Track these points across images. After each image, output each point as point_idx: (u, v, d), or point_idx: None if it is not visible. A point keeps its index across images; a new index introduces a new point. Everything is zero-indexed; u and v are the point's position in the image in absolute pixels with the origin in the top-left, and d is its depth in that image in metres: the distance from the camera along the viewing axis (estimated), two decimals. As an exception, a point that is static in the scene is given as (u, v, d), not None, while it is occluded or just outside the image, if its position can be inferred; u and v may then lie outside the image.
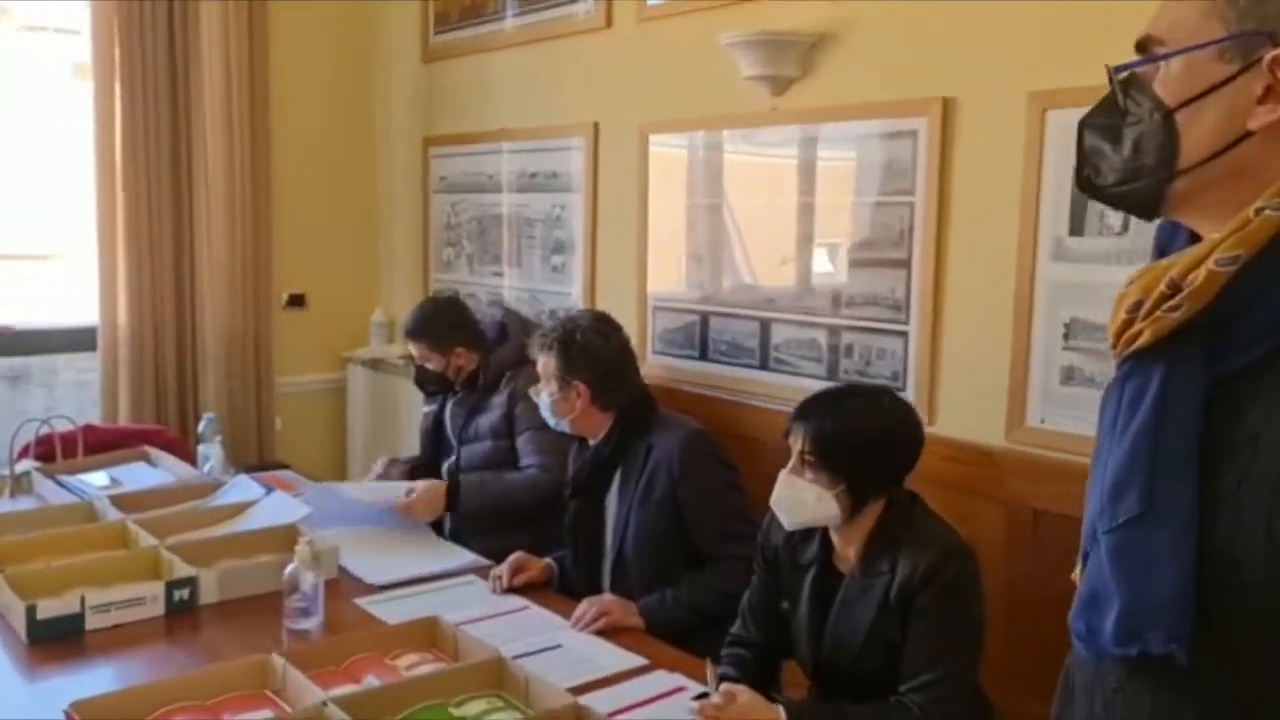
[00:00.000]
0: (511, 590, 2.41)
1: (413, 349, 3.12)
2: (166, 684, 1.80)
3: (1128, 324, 0.91)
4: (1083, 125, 0.99)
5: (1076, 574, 0.95)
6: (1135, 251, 2.19)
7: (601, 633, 2.19)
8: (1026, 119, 2.36)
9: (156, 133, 4.03)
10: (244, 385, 4.30)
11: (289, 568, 2.19)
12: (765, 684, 1.92)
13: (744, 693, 1.71)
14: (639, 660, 2.07)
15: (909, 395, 2.54)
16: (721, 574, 2.30)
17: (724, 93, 3.03)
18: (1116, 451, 0.89)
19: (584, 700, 1.77)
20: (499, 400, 3.01)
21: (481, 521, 2.84)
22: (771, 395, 2.93)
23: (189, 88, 4.07)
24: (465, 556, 2.64)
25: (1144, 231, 2.14)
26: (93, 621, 2.13)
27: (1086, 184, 0.99)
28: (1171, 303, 0.87)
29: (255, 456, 4.25)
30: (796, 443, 1.82)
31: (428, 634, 2.07)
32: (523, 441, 2.96)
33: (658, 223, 3.33)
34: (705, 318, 3.18)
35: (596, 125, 3.52)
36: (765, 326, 2.99)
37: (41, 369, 4.47)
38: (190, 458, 3.39)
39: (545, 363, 2.48)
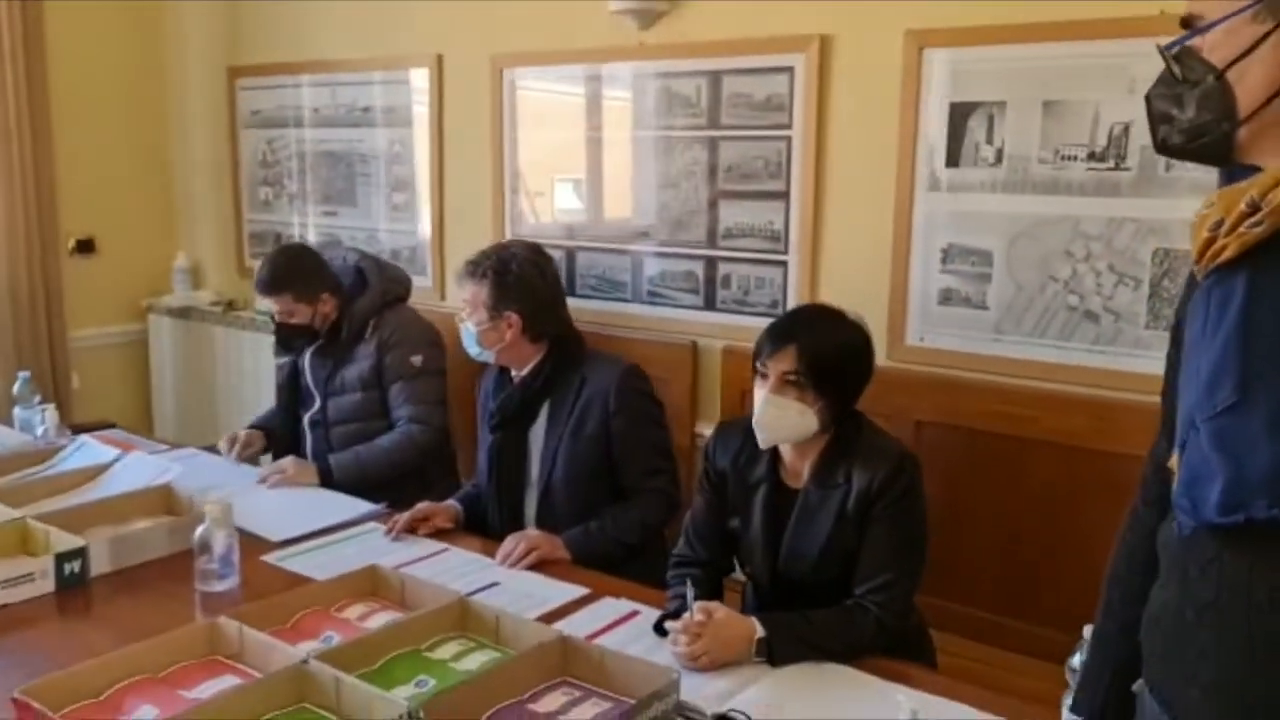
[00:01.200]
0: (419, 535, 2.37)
1: (273, 305, 2.89)
2: (111, 660, 1.66)
3: (1210, 241, 1.03)
4: (1149, 98, 1.12)
5: (1174, 461, 1.08)
6: (1010, 182, 2.39)
7: (531, 568, 2.21)
8: (904, 57, 2.50)
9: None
10: (33, 339, 3.91)
11: (199, 529, 2.06)
12: (716, 598, 2.00)
13: (719, 609, 1.78)
14: (582, 590, 2.10)
15: (790, 322, 2.67)
16: (642, 506, 2.37)
17: (589, 26, 3.02)
18: (1209, 351, 1.02)
19: (546, 632, 1.80)
20: (366, 350, 2.89)
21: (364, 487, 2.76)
22: (648, 327, 3.00)
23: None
24: (362, 506, 2.55)
25: (1015, 162, 2.36)
26: (-16, 603, 1.93)
27: (1162, 146, 1.11)
28: (1253, 219, 1.00)
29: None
30: (781, 363, 1.87)
31: (368, 583, 2.02)
32: (395, 392, 2.88)
33: (516, 158, 3.28)
34: (572, 253, 3.19)
35: (440, 57, 3.40)
36: (638, 260, 3.04)
37: None
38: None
39: (475, 292, 2.42)
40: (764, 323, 2.04)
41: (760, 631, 1.75)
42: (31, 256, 3.85)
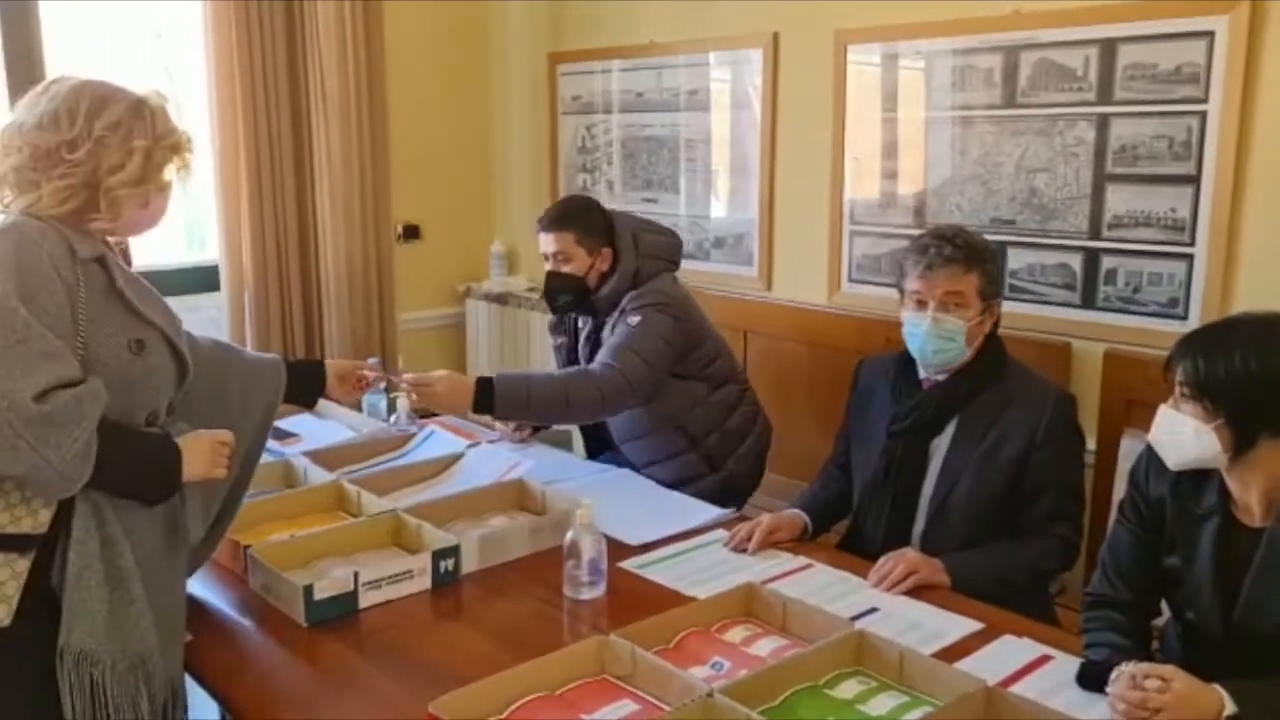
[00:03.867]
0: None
1: (553, 243, 2.68)
2: (509, 676, 1.60)
3: None
4: None
5: None
6: None
7: (909, 593, 2.01)
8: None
9: (274, 59, 3.74)
10: (366, 323, 4.07)
11: (569, 534, 2.00)
12: (1143, 647, 1.74)
13: (1177, 676, 1.52)
14: (976, 624, 1.88)
15: (1194, 324, 2.33)
16: (1040, 550, 2.11)
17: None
18: None
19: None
20: (613, 320, 2.67)
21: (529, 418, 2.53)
22: (1011, 325, 2.72)
23: (303, 11, 3.77)
24: (709, 510, 2.44)
25: None
26: (365, 599, 1.94)
27: None
28: None
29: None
30: (1175, 374, 1.65)
31: (745, 602, 1.89)
32: (613, 338, 2.61)
33: (858, 140, 3.07)
34: (920, 243, 2.94)
35: (776, 36, 3.23)
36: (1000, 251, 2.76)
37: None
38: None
39: (968, 281, 2.13)
40: (1156, 324, 1.75)
41: (1230, 707, 1.48)
42: (367, 242, 4.00)
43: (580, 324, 2.84)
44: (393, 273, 4.11)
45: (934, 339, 2.14)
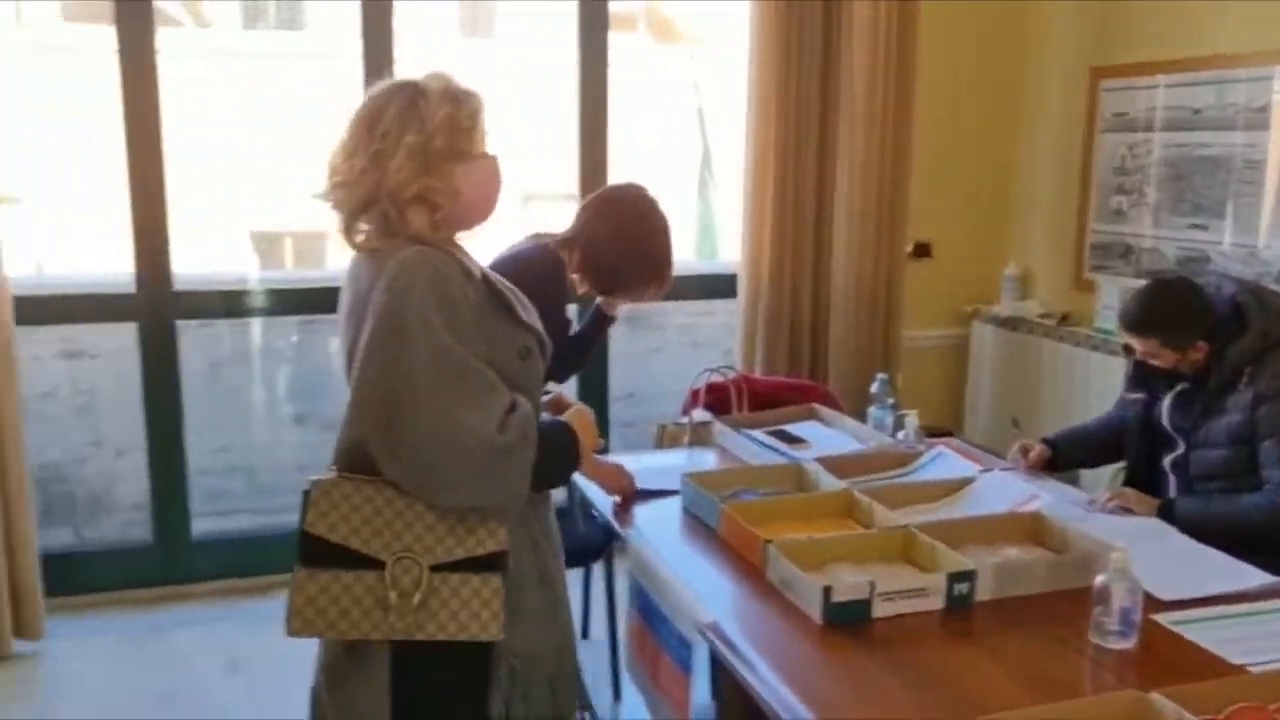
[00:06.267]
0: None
1: (1136, 342, 2.60)
2: (1034, 713, 1.53)
3: None
4: None
5: None
6: None
7: None
8: None
9: (810, 63, 3.85)
10: (870, 338, 4.10)
11: (1099, 578, 1.86)
12: None
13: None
14: None
15: None
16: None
17: None
18: None
19: None
20: (1238, 401, 2.47)
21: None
22: None
23: (840, 12, 3.84)
24: (1261, 575, 2.16)
25: None
26: (879, 609, 1.95)
27: None
28: None
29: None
30: None
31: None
32: (1265, 449, 2.44)
33: None
34: None
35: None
36: None
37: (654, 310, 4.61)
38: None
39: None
40: None
41: None
42: (879, 257, 4.01)
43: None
44: (901, 290, 4.10)
45: None
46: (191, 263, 3.71)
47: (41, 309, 3.49)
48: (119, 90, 3.44)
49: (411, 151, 1.61)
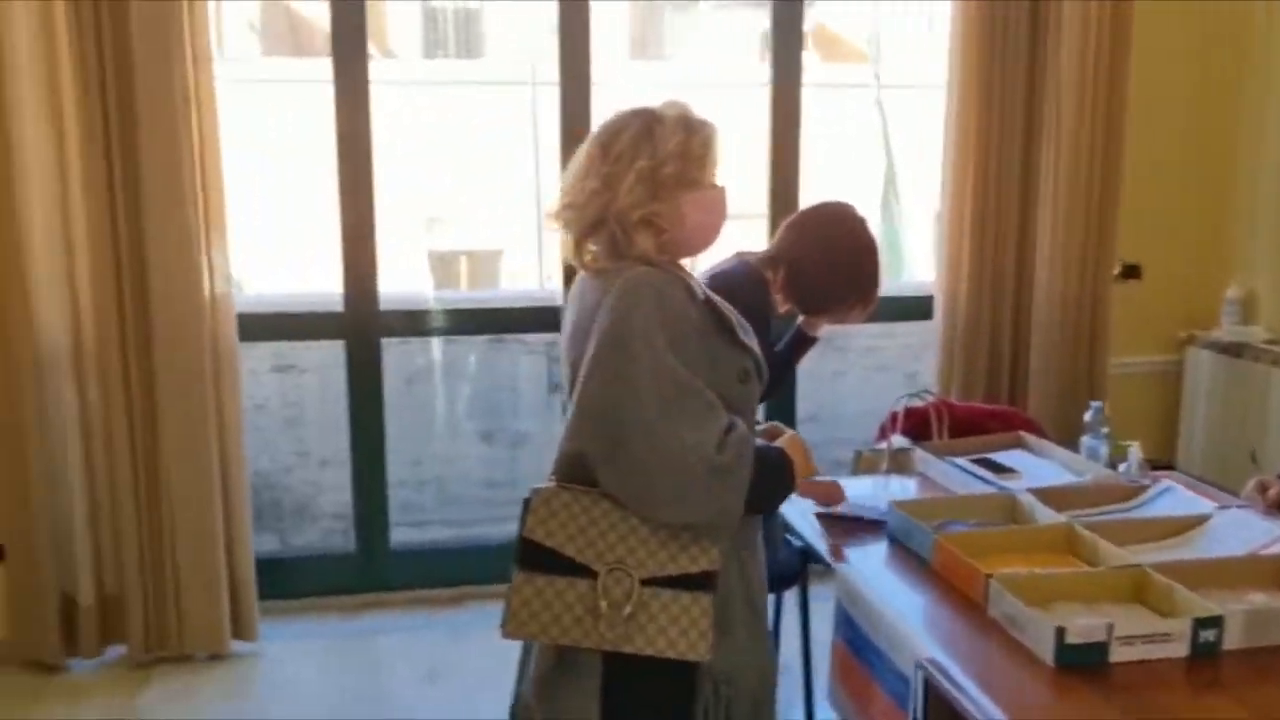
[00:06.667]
0: None
1: None
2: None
3: None
4: None
5: None
6: None
7: None
8: None
9: (1015, 68, 3.69)
10: (1073, 364, 3.90)
11: (1373, 631, 1.69)
12: None
13: None
14: None
15: None
16: None
17: None
18: None
19: None
20: None
21: None
22: None
23: (1048, 12, 3.67)
24: None
25: None
26: (1117, 653, 1.83)
27: None
28: None
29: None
30: None
31: None
32: None
33: None
34: None
35: None
36: None
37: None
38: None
39: None
40: None
41: None
42: (1084, 279, 3.82)
43: None
44: (1108, 313, 3.89)
45: None
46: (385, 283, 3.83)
47: (259, 326, 3.68)
48: (333, 120, 3.60)
49: (641, 175, 1.64)
